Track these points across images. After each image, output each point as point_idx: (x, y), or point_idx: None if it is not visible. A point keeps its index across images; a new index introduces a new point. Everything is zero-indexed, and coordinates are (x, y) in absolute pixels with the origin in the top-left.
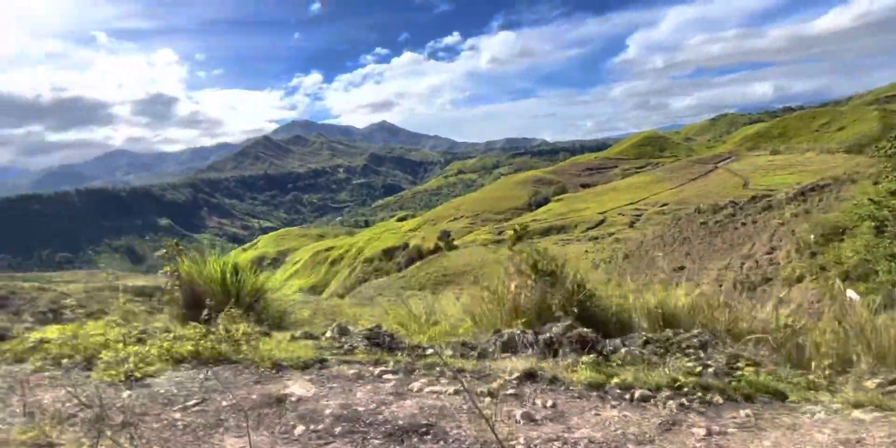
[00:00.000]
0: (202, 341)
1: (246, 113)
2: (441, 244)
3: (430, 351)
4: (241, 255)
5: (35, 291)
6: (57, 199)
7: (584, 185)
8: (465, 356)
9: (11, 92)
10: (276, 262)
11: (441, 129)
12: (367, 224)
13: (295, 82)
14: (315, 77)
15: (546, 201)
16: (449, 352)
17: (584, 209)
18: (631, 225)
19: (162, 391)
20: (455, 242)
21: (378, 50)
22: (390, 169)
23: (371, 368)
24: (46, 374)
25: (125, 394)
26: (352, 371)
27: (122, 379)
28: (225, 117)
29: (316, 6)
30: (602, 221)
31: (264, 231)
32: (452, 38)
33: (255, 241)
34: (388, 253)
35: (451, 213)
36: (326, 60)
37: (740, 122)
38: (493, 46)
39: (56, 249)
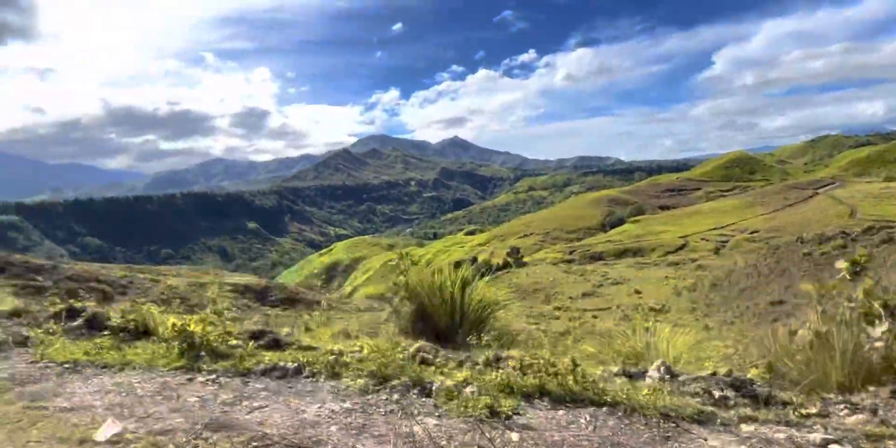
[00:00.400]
0: (543, 375)
1: (328, 126)
2: (510, 260)
3: (812, 409)
4: (318, 260)
5: (149, 282)
6: (165, 201)
7: (664, 207)
8: (888, 423)
9: (134, 105)
10: (350, 268)
11: (512, 145)
12: (435, 236)
13: (374, 98)
14: (393, 93)
15: (621, 222)
16: (853, 417)
17: (662, 232)
18: (716, 251)
19: (555, 438)
20: (524, 259)
21: (454, 67)
22: (460, 183)
23: (795, 432)
24: (383, 397)
25: (513, 436)
26: (780, 435)
27: (487, 415)
28: (309, 130)
29: (398, 26)
30: (683, 246)
31: (339, 238)
32: (528, 56)
33: (330, 247)
34: (457, 266)
35: (521, 230)
36: (404, 77)
37: (844, 145)
38: (570, 63)
39: (162, 245)
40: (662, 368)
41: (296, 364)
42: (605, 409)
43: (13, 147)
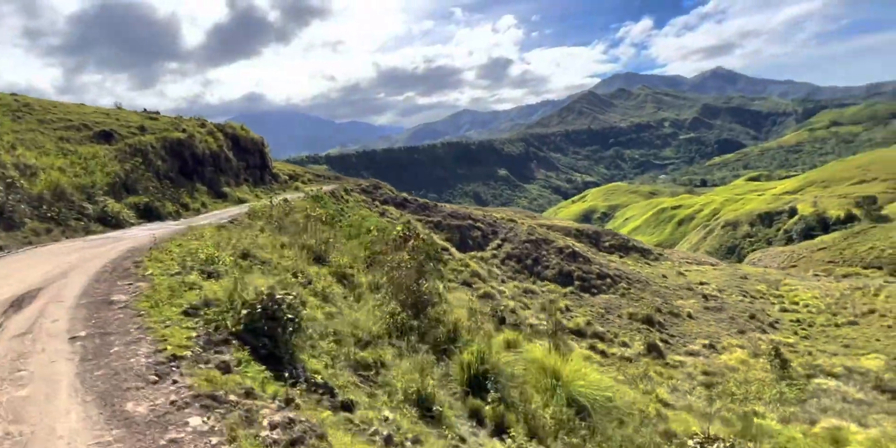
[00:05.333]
0: None
1: (568, 69)
2: (858, 212)
3: None
4: (572, 207)
5: (507, 223)
6: (427, 151)
7: None
8: None
9: (398, 66)
10: (606, 216)
11: (795, 72)
12: (704, 183)
13: (622, 32)
14: (645, 24)
15: None
16: None
17: None
18: None
19: None
20: (882, 212)
21: None
22: (726, 122)
23: None
24: None
25: None
26: None
27: None
28: (550, 75)
29: None
30: None
31: (586, 185)
32: None
33: (583, 194)
34: (764, 218)
35: (853, 174)
36: (662, 3)
37: None
38: None
39: (427, 190)
40: None
41: None
42: None
43: (313, 110)
